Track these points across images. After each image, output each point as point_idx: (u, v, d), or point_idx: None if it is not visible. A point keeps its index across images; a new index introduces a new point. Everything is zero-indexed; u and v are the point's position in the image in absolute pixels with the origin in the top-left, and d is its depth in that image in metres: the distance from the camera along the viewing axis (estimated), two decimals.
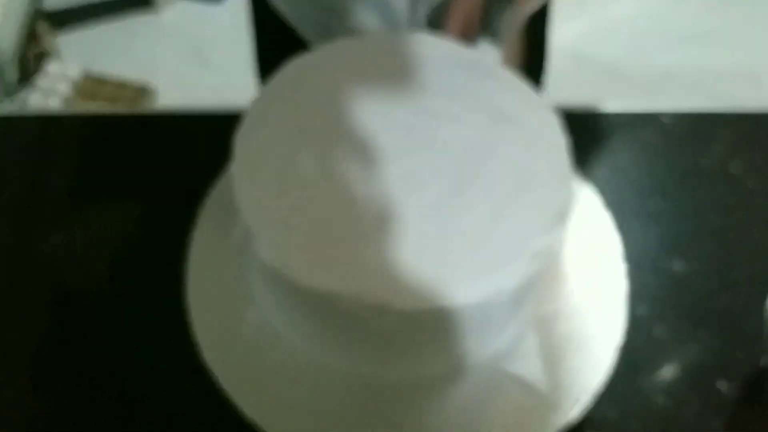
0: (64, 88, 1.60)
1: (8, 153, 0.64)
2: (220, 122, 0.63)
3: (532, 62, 0.79)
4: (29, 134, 0.65)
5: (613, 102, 0.70)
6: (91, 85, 1.64)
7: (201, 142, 0.63)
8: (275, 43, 0.75)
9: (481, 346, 0.49)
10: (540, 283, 0.47)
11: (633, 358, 0.55)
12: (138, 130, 0.67)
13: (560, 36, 0.85)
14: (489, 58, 0.51)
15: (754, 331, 0.57)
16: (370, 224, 0.43)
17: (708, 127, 0.53)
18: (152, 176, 0.63)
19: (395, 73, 0.50)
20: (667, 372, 0.56)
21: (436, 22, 0.57)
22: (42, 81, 1.58)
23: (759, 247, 0.63)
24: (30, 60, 1.58)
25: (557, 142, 0.48)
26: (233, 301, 0.51)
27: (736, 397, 0.55)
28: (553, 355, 0.50)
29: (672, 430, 0.53)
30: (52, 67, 1.61)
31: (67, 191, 0.62)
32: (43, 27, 1.66)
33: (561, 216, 0.45)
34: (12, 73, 1.45)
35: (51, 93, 1.59)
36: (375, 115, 0.48)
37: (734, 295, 0.60)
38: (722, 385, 0.55)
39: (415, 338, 0.45)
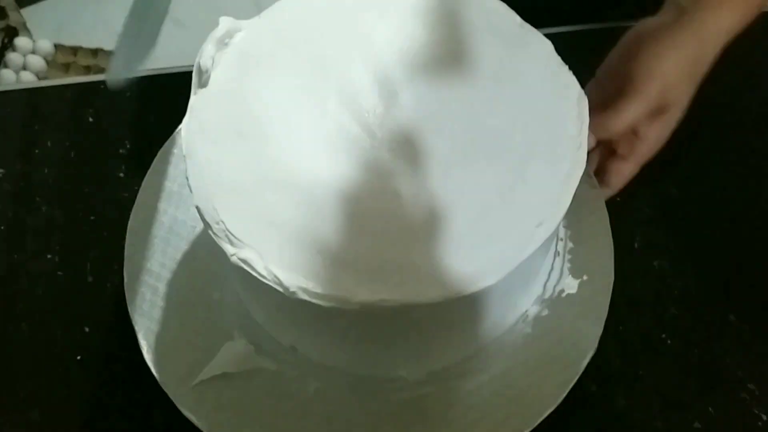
0: (36, 62, 1.54)
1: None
2: None
3: None
4: (16, 107, 0.61)
5: None
6: (64, 56, 1.59)
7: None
8: None
9: (505, 316, 0.45)
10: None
11: (634, 294, 0.51)
12: (122, 93, 0.61)
13: None
14: None
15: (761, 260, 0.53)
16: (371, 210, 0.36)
17: None
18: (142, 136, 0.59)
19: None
20: (672, 308, 0.51)
21: None
22: (12, 57, 1.53)
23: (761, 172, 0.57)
24: None
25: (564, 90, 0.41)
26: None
27: (748, 330, 0.50)
28: None
29: (681, 372, 0.49)
30: (21, 42, 1.55)
31: (59, 159, 0.58)
32: (7, 1, 1.60)
33: (572, 181, 0.38)
34: None
35: (23, 68, 1.54)
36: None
37: (735, 223, 0.55)
38: (732, 319, 0.50)
39: (432, 331, 0.40)
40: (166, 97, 0.60)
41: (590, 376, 0.48)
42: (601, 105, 0.47)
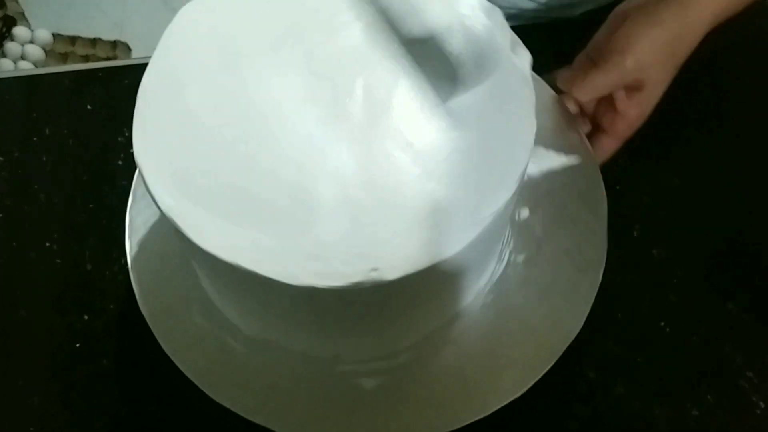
0: (34, 52, 1.54)
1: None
2: None
3: None
4: (14, 95, 0.61)
5: None
6: (63, 45, 1.58)
7: None
8: None
9: (473, 282, 0.44)
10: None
11: (633, 282, 0.51)
12: (120, 81, 0.61)
13: None
14: None
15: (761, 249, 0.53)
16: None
17: None
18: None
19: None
20: (671, 296, 0.51)
21: None
22: (11, 46, 1.52)
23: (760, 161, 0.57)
24: None
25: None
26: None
27: (747, 318, 0.50)
28: None
29: (680, 360, 0.49)
30: (19, 31, 1.54)
31: (57, 147, 0.58)
32: None
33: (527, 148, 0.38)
34: None
35: (21, 57, 1.53)
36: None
37: (734, 212, 0.55)
38: (731, 307, 0.50)
39: (402, 304, 0.39)
40: None
41: (589, 364, 0.48)
42: None
